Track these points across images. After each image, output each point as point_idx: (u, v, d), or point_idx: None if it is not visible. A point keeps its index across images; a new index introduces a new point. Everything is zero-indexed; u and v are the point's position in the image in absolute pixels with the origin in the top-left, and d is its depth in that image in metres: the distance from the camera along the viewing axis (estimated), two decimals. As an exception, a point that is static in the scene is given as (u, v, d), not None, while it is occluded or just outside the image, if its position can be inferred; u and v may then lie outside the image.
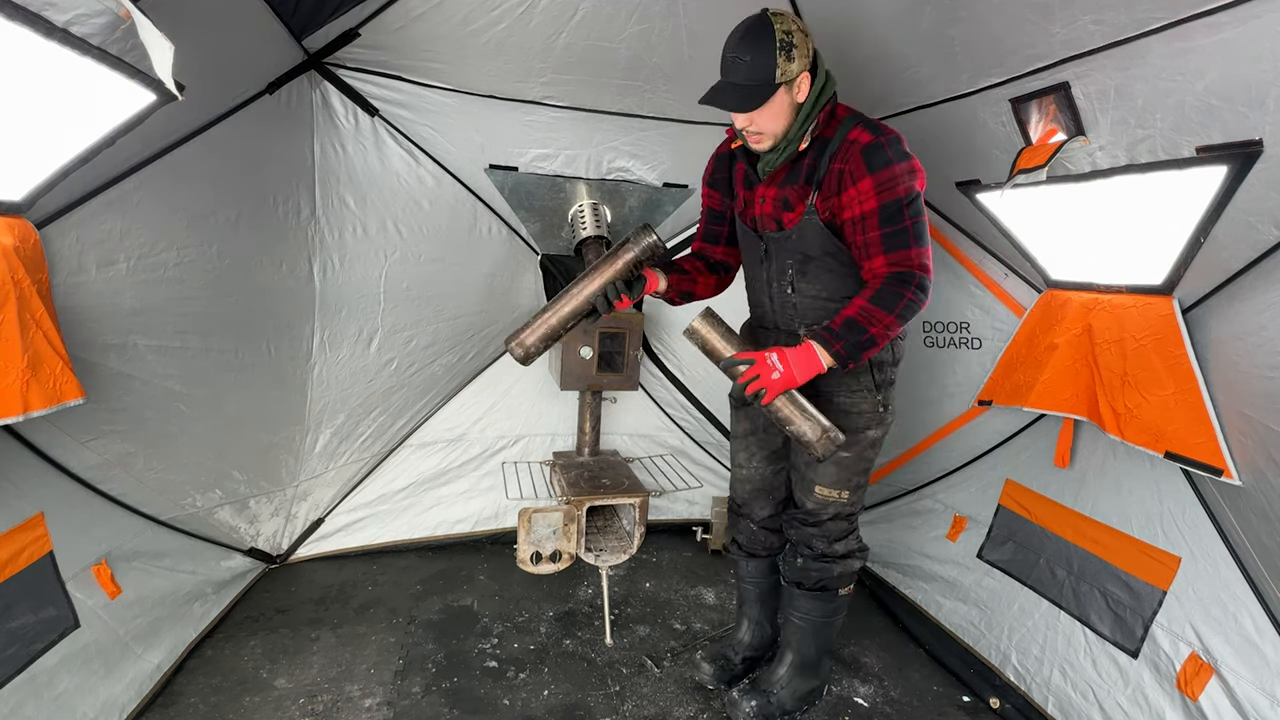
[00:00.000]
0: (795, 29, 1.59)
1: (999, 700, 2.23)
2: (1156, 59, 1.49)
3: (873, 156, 1.62)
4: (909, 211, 1.63)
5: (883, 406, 1.90)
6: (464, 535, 3.17)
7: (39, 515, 1.66)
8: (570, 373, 2.70)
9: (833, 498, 1.94)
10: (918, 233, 1.66)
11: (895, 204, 1.63)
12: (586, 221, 2.81)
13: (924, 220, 1.67)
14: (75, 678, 1.72)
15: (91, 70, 1.23)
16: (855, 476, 1.95)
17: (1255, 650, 1.66)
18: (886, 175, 1.62)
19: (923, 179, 1.67)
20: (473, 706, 2.10)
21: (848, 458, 1.91)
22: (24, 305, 1.33)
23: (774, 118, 1.65)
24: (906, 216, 1.63)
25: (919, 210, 1.65)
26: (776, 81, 1.59)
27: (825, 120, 1.71)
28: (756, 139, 1.72)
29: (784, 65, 1.58)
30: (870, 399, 1.89)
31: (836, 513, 1.97)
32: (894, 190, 1.62)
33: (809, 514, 2.00)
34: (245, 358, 2.24)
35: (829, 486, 1.93)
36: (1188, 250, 1.69)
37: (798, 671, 2.10)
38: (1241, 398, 1.64)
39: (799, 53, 1.59)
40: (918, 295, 1.65)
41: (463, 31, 2.14)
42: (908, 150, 1.65)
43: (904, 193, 1.62)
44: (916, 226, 1.65)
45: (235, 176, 2.00)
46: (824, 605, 2.05)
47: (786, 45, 1.57)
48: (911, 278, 1.65)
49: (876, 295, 1.66)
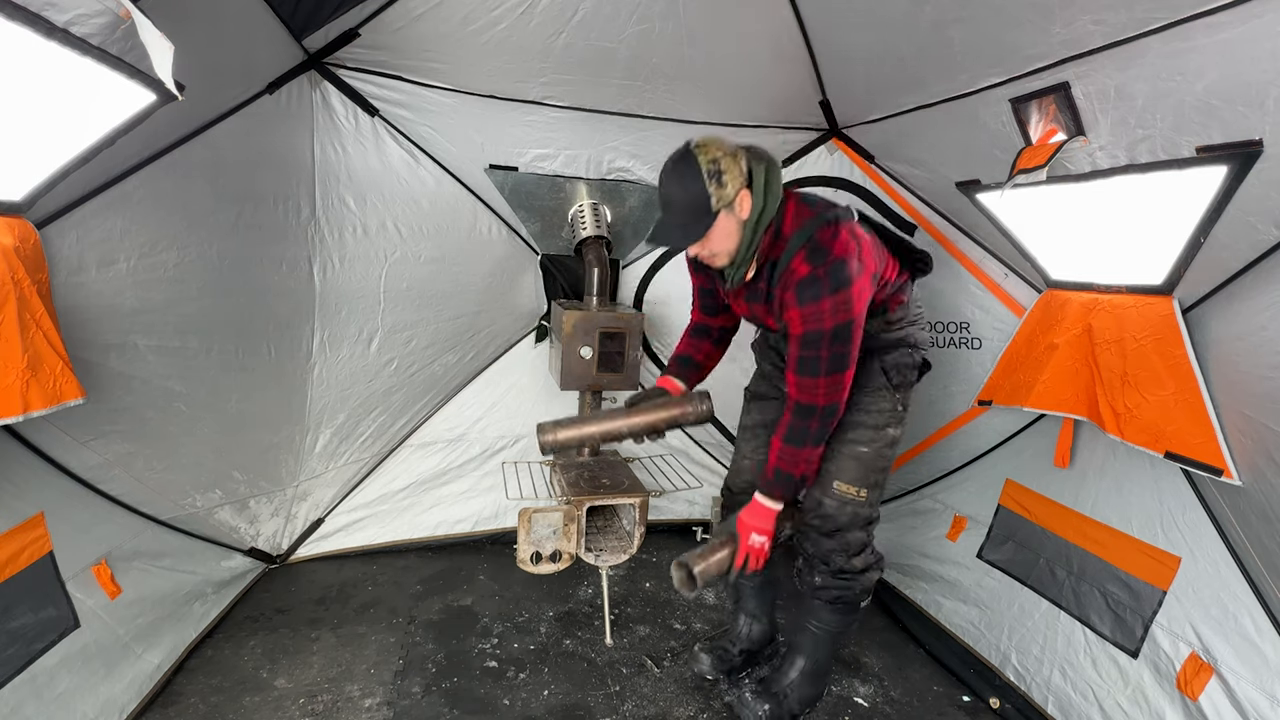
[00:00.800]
0: (722, 154, 1.59)
1: (999, 700, 2.23)
2: (1156, 59, 1.49)
3: (803, 292, 1.63)
4: (828, 342, 1.65)
5: (901, 406, 1.94)
6: (464, 535, 3.17)
7: (39, 515, 1.66)
8: (570, 373, 2.70)
9: (851, 495, 1.93)
10: (835, 361, 1.67)
11: (817, 334, 1.65)
12: (586, 221, 2.81)
13: (847, 349, 1.67)
14: (75, 678, 1.72)
15: (91, 70, 1.23)
16: (874, 474, 1.94)
17: (1255, 650, 1.66)
18: (812, 311, 1.63)
19: (864, 297, 1.66)
20: (473, 706, 2.10)
21: (867, 453, 1.92)
22: (24, 305, 1.33)
23: (723, 239, 1.67)
24: (824, 347, 1.65)
25: (847, 337, 1.65)
26: (714, 209, 1.60)
27: (771, 243, 1.69)
28: (712, 259, 1.73)
29: (717, 192, 1.59)
30: (889, 398, 1.92)
31: (854, 514, 1.94)
32: (819, 323, 1.64)
33: (825, 519, 1.95)
34: (245, 358, 2.24)
35: (849, 483, 1.93)
36: (1188, 250, 1.68)
37: (807, 677, 2.10)
38: (1241, 398, 1.64)
39: (730, 177, 1.59)
40: (824, 421, 1.75)
41: (463, 31, 2.14)
42: (850, 273, 1.61)
43: (829, 326, 1.63)
44: (834, 356, 1.67)
45: (235, 176, 2.00)
46: (843, 618, 2.04)
47: (714, 173, 1.58)
48: (813, 411, 1.73)
49: (789, 433, 1.78)
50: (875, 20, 2.06)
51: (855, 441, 1.93)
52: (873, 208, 2.87)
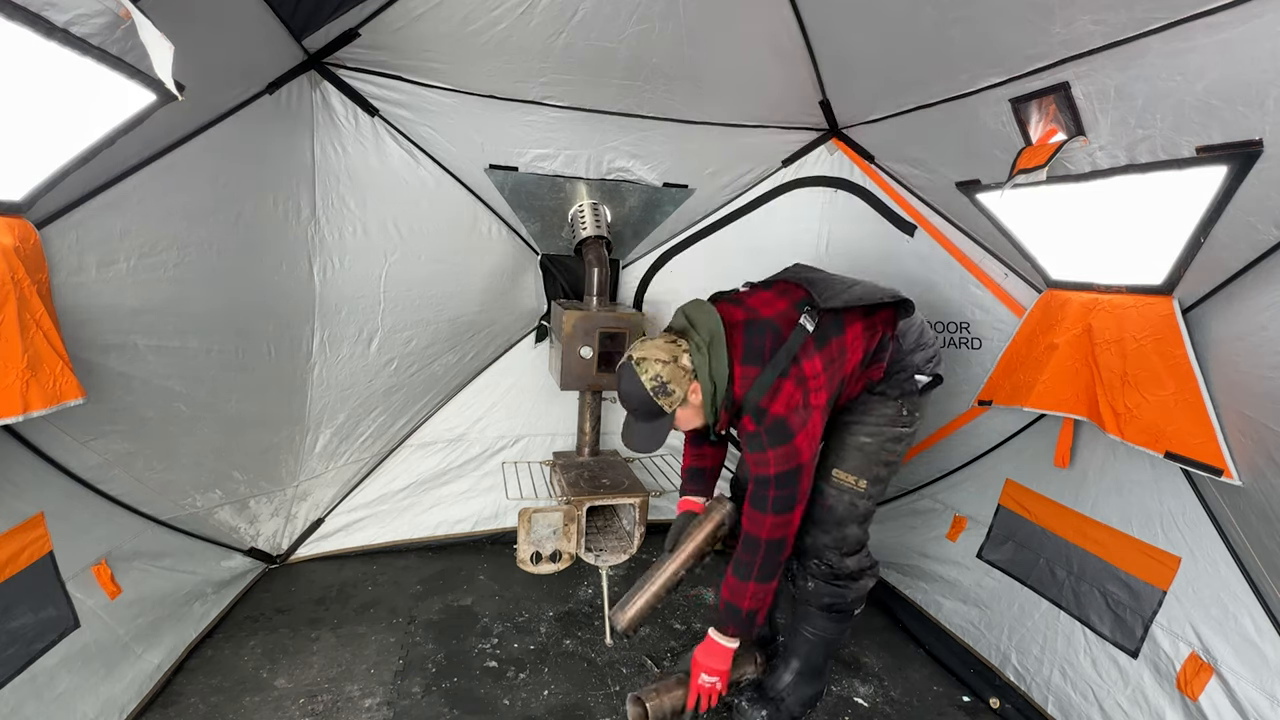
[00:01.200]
0: (661, 367, 1.74)
1: (999, 700, 2.23)
2: (1156, 59, 1.49)
3: (751, 444, 1.78)
4: (776, 486, 1.75)
5: (906, 410, 1.96)
6: (464, 535, 3.17)
7: (39, 515, 1.66)
8: (570, 373, 2.70)
9: (849, 484, 1.94)
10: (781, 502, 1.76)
11: (765, 479, 1.76)
12: (586, 221, 2.81)
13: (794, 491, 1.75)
14: (75, 678, 1.72)
15: (91, 70, 1.23)
16: (876, 467, 1.95)
17: (1255, 650, 1.66)
18: (759, 458, 1.76)
19: (813, 442, 1.77)
20: (473, 706, 2.10)
21: (870, 444, 1.93)
22: (24, 305, 1.33)
23: (688, 423, 1.86)
24: (772, 489, 1.75)
25: (794, 480, 1.75)
26: (669, 411, 1.79)
27: (734, 414, 1.82)
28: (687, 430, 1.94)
29: (665, 401, 1.76)
30: (894, 405, 1.95)
31: (851, 505, 1.95)
32: (766, 469, 1.75)
33: (825, 510, 1.97)
34: (245, 358, 2.24)
35: (848, 471, 1.94)
36: (1188, 250, 1.68)
37: (802, 678, 2.10)
38: (1241, 398, 1.64)
39: (674, 384, 1.75)
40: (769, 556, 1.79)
41: (463, 31, 2.14)
42: (791, 428, 1.71)
43: (773, 472, 1.74)
44: (779, 499, 1.76)
45: (235, 176, 2.00)
46: (837, 625, 2.04)
47: (659, 390, 1.75)
48: (758, 545, 1.79)
49: (735, 566, 1.85)
50: (875, 20, 2.06)
51: (860, 433, 1.95)
52: (873, 208, 2.87)
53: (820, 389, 1.77)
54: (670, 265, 3.19)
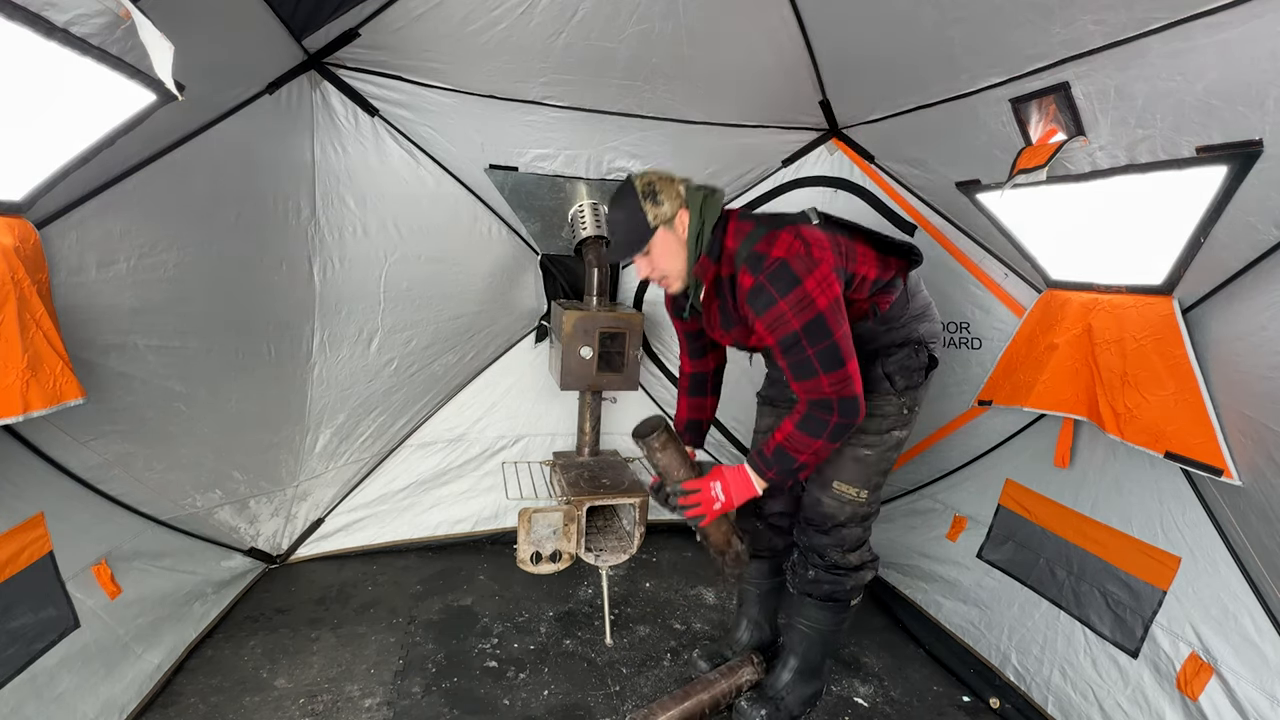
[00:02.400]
0: (657, 179, 1.71)
1: (999, 700, 2.23)
2: (1156, 59, 1.49)
3: (756, 300, 1.66)
4: (808, 340, 1.62)
5: (907, 409, 1.92)
6: (464, 535, 3.17)
7: (39, 515, 1.66)
8: (570, 373, 2.70)
9: (850, 495, 1.93)
10: (825, 357, 1.63)
11: (791, 337, 1.63)
12: (586, 221, 2.81)
13: (833, 340, 1.63)
14: (75, 678, 1.72)
15: (91, 70, 1.23)
16: (875, 476, 1.94)
17: (1255, 650, 1.66)
18: (773, 315, 1.63)
19: (828, 290, 1.62)
20: (473, 706, 2.10)
21: (869, 455, 1.91)
22: (24, 305, 1.33)
23: (666, 256, 1.74)
24: (806, 346, 1.63)
25: (823, 331, 1.62)
26: (652, 225, 1.69)
27: (720, 260, 1.75)
28: (666, 283, 1.80)
29: (653, 210, 1.68)
30: (895, 402, 1.90)
31: (853, 514, 1.95)
32: (786, 326, 1.63)
33: (825, 518, 1.96)
34: (245, 358, 2.24)
35: (848, 484, 1.92)
36: (1188, 250, 1.68)
37: (801, 676, 2.10)
38: (1241, 398, 1.64)
39: (665, 196, 1.69)
40: (844, 417, 1.67)
41: (463, 31, 2.14)
42: (796, 272, 1.60)
43: (798, 325, 1.62)
44: (821, 352, 1.63)
45: (235, 176, 2.00)
46: (833, 616, 2.03)
47: (650, 193, 1.68)
48: (830, 405, 1.66)
49: (804, 421, 1.71)
50: (875, 20, 2.06)
51: (858, 445, 1.91)
52: (873, 208, 2.87)
53: (826, 255, 1.65)
54: (670, 265, 3.19)
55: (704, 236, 1.72)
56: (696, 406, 2.24)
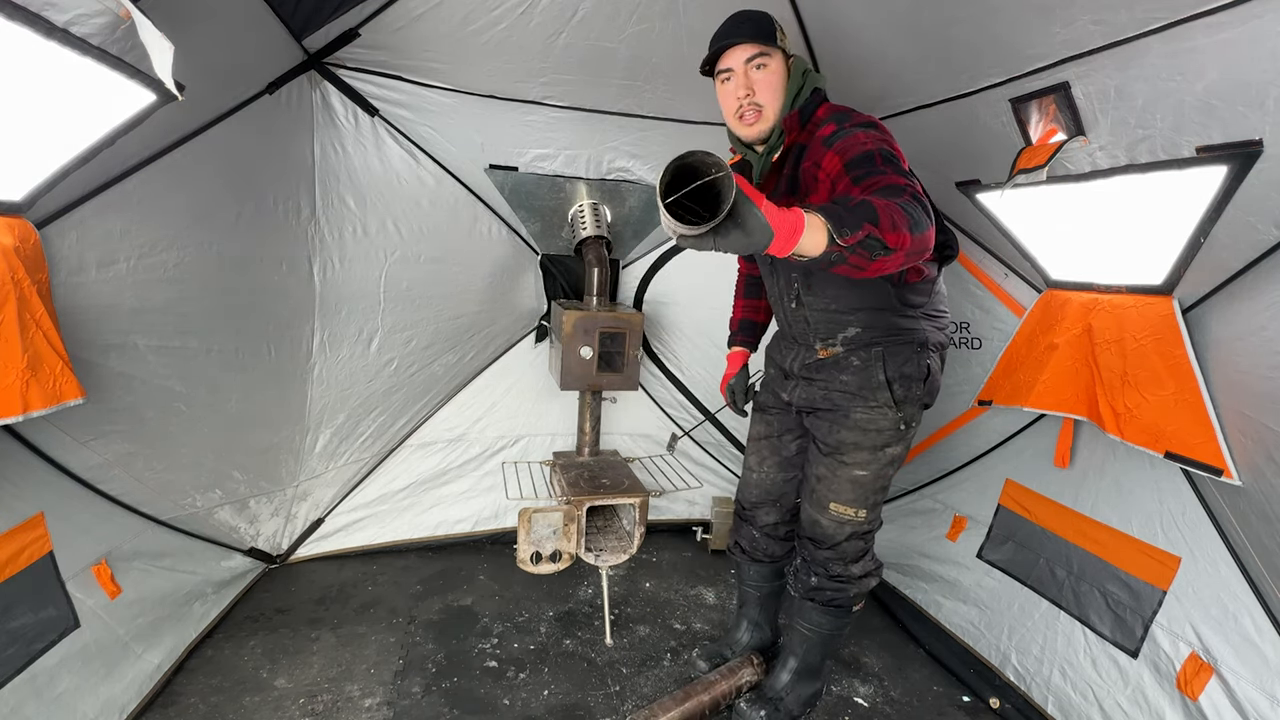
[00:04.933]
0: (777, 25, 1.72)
1: (999, 700, 2.23)
2: (1156, 59, 1.49)
3: (832, 138, 1.59)
4: (880, 160, 1.48)
5: (903, 424, 1.83)
6: (464, 535, 3.17)
7: (39, 515, 1.66)
8: (570, 373, 2.70)
9: (848, 516, 1.89)
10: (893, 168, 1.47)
11: (864, 155, 1.50)
12: (586, 221, 2.81)
13: (906, 175, 1.45)
14: (75, 678, 1.72)
15: (91, 70, 1.23)
16: (873, 495, 1.89)
17: (1255, 650, 1.66)
18: (847, 143, 1.54)
19: (895, 146, 1.54)
20: (473, 706, 2.10)
21: (865, 476, 1.86)
22: (24, 305, 1.33)
23: (771, 87, 1.70)
24: (879, 165, 1.47)
25: (896, 165, 1.48)
26: (778, 41, 1.70)
27: (804, 120, 1.70)
28: (755, 114, 1.70)
29: (780, 37, 1.71)
30: (890, 416, 1.81)
31: (853, 533, 1.92)
32: (861, 146, 1.51)
33: (824, 537, 1.93)
34: (245, 358, 2.24)
35: (846, 505, 1.88)
36: (1188, 250, 1.69)
37: (800, 677, 2.09)
38: (1241, 398, 1.64)
39: (781, 37, 1.72)
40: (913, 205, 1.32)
41: (463, 31, 2.14)
42: (883, 129, 1.59)
43: (872, 146, 1.51)
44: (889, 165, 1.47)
45: (235, 176, 2.00)
46: (835, 620, 2.01)
47: (778, 25, 1.71)
48: (900, 190, 1.37)
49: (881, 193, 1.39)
50: (875, 20, 2.06)
51: (854, 465, 1.86)
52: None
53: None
54: (671, 265, 3.19)
55: (802, 96, 1.72)
56: (750, 308, 2.31)
